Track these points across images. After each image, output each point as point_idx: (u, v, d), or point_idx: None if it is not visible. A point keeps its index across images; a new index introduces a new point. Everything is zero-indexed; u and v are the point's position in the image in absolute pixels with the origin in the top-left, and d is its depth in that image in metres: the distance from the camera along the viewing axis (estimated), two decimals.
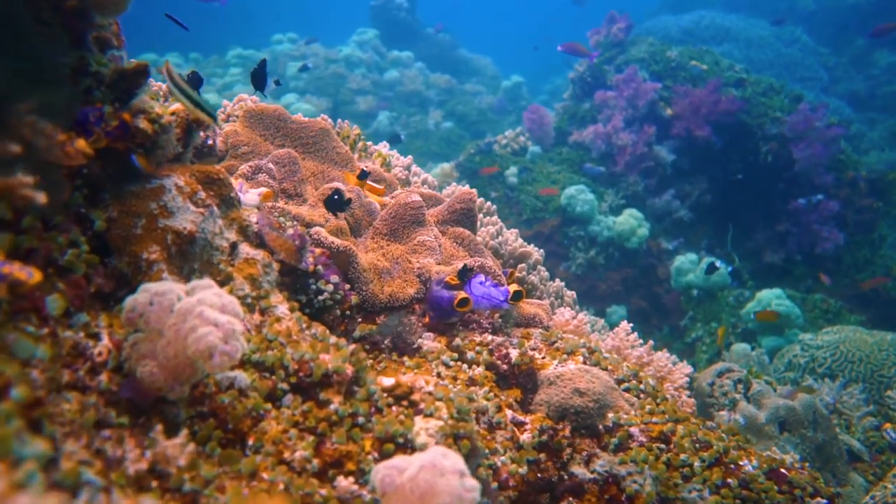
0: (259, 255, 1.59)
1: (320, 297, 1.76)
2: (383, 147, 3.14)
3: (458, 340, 1.97)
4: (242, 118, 2.53)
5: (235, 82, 9.76)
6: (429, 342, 1.93)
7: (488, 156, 6.85)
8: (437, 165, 7.14)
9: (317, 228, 1.95)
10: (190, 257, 1.46)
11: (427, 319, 2.03)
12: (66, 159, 1.18)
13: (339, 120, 2.85)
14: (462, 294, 1.99)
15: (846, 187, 6.93)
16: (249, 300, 1.53)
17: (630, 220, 6.59)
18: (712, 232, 7.06)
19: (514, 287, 2.08)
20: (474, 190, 2.43)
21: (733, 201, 7.10)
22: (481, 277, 2.13)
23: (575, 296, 3.32)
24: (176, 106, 1.57)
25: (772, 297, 5.85)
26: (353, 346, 1.51)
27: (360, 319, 1.92)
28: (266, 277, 1.60)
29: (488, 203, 3.22)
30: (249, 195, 1.77)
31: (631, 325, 2.60)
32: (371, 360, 1.80)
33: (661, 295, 6.64)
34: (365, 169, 2.42)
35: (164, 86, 2.43)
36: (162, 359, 1.17)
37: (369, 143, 3.10)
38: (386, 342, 1.86)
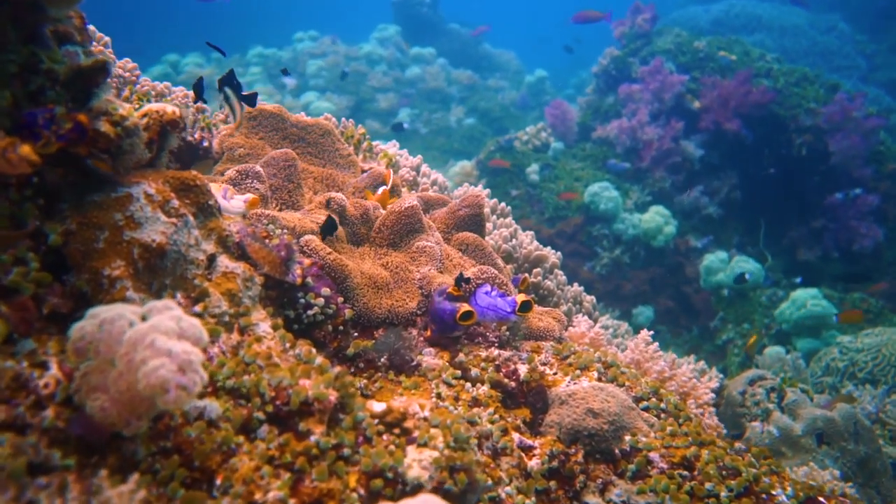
0: (239, 267, 1.47)
1: (309, 312, 1.63)
2: (392, 146, 3.00)
3: (461, 356, 1.82)
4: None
5: (255, 81, 9.72)
6: (429, 359, 1.79)
7: (509, 153, 6.68)
8: (458, 163, 6.99)
9: (308, 237, 1.81)
10: (160, 272, 1.34)
11: (429, 333, 1.89)
12: (7, 167, 1.06)
13: (344, 119, 2.73)
14: (465, 307, 1.85)
15: (886, 180, 6.59)
16: (227, 318, 1.40)
17: (656, 218, 6.36)
18: (743, 229, 6.79)
19: (521, 297, 1.93)
20: (482, 192, 2.28)
21: (765, 197, 6.81)
22: (487, 287, 1.98)
23: (594, 300, 3.14)
24: (149, 106, 1.45)
25: (807, 297, 5.58)
26: (337, 369, 1.37)
27: (356, 334, 1.79)
28: (247, 293, 1.47)
29: (502, 204, 3.06)
30: (234, 202, 1.65)
31: (651, 332, 2.43)
32: (365, 380, 1.67)
33: (689, 295, 6.41)
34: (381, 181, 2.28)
35: (158, 85, 2.33)
36: (114, 392, 1.05)
37: (377, 142, 2.96)
38: (382, 360, 1.73)
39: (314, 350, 1.46)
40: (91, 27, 2.24)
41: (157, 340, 1.03)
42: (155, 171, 1.45)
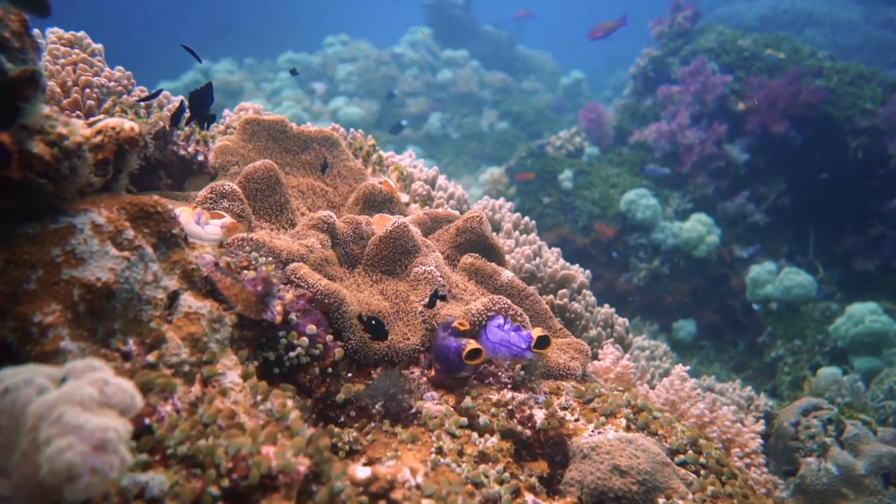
0: (206, 307, 1.27)
1: (292, 354, 1.43)
2: (408, 157, 2.79)
3: (468, 400, 1.60)
4: (238, 130, 2.24)
5: (284, 87, 9.66)
6: (431, 405, 1.57)
7: (541, 158, 6.41)
8: (488, 169, 6.75)
9: (295, 265, 1.62)
10: (107, 316, 1.16)
11: (433, 373, 1.67)
12: None
13: (352, 129, 2.53)
14: (472, 344, 1.62)
15: None
16: (187, 368, 1.21)
17: (698, 227, 6.01)
18: (793, 238, 6.37)
19: (538, 332, 1.70)
20: (481, 212, 2.05)
21: (816, 203, 6.38)
22: (499, 320, 1.75)
23: (627, 323, 2.88)
24: (105, 122, 1.27)
25: (865, 312, 5.16)
26: (310, 432, 1.17)
27: (349, 374, 1.58)
28: (214, 336, 1.27)
29: (525, 219, 2.83)
30: (210, 228, 1.46)
31: (687, 368, 2.15)
32: (356, 433, 1.46)
33: (735, 308, 6.03)
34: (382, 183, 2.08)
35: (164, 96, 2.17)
36: (19, 477, 0.86)
37: (389, 152, 2.76)
38: (377, 406, 1.51)
39: (290, 403, 1.26)
40: (80, 33, 2.10)
41: (66, 415, 0.84)
42: (111, 196, 1.27)
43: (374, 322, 1.53)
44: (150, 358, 1.17)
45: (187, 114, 1.77)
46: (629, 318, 6.01)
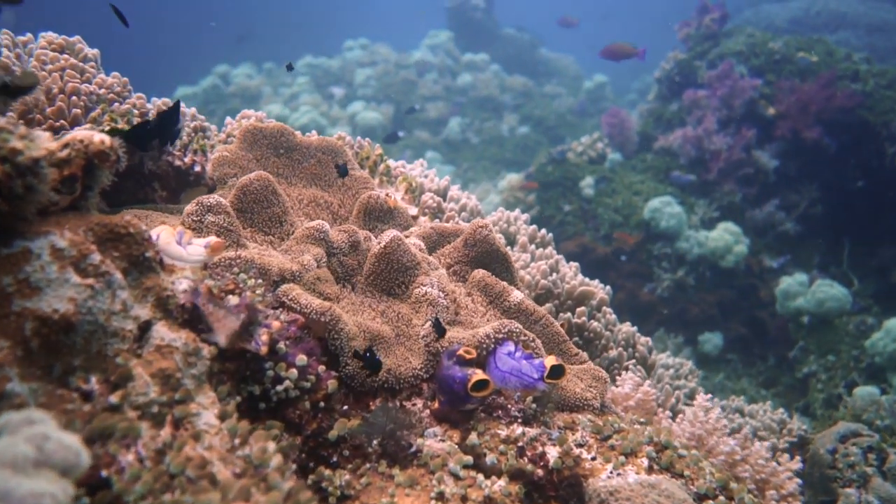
0: (180, 338, 1.15)
1: (279, 388, 1.30)
2: (419, 167, 2.67)
3: (474, 437, 1.46)
4: (238, 140, 2.13)
5: (302, 92, 9.61)
6: (433, 442, 1.43)
7: (561, 165, 6.24)
8: (507, 176, 6.60)
9: (286, 287, 1.49)
10: (65, 351, 1.04)
11: (436, 405, 1.54)
12: None
13: (359, 137, 2.41)
14: (478, 374, 1.48)
15: None
16: (156, 408, 1.09)
17: (725, 236, 5.79)
18: (825, 248, 6.11)
19: (551, 360, 1.55)
20: (486, 222, 1.91)
21: (851, 212, 6.12)
22: (510, 346, 1.61)
23: (650, 343, 2.71)
24: (72, 134, 1.15)
25: None
26: (289, 485, 1.03)
27: (345, 406, 1.45)
28: (189, 371, 1.15)
29: (542, 231, 2.68)
30: (193, 248, 1.34)
31: (708, 397, 1.98)
32: (349, 475, 1.32)
33: (764, 320, 5.79)
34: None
35: (148, 103, 2.06)
36: None
37: (400, 161, 2.64)
38: (374, 444, 1.38)
39: (271, 447, 1.13)
40: (74, 38, 2.00)
41: None
42: (77, 216, 1.16)
43: (367, 354, 1.40)
44: (114, 399, 1.05)
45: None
46: (653, 330, 5.82)
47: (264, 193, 1.80)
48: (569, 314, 2.46)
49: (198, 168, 2.03)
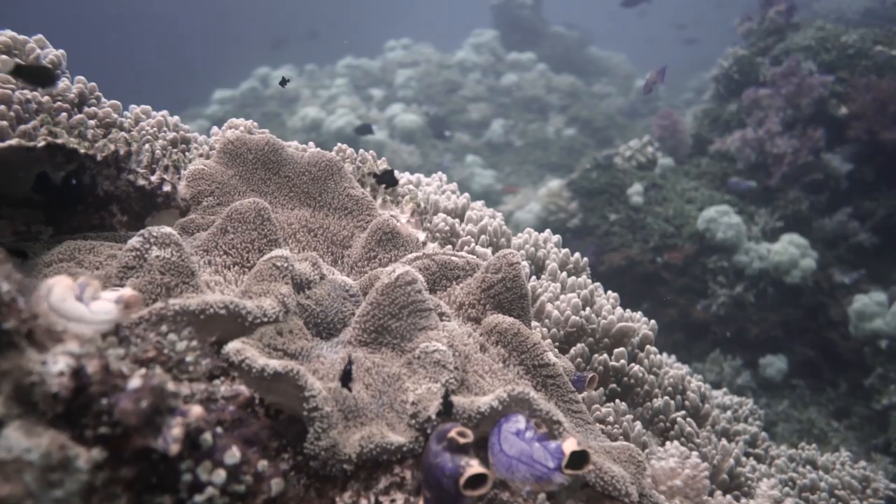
0: (40, 445, 0.85)
1: (199, 498, 0.98)
2: (436, 181, 2.33)
3: None
4: (218, 152, 1.84)
5: (340, 94, 9.39)
6: None
7: (608, 171, 5.80)
8: (548, 182, 6.20)
9: (233, 346, 1.18)
10: None
11: (420, 503, 1.20)
12: None
13: (362, 150, 2.10)
14: (474, 467, 1.13)
15: None
16: None
17: (790, 248, 5.25)
18: None
19: (570, 445, 1.19)
20: (516, 253, 1.55)
21: None
22: (520, 422, 1.25)
23: (705, 389, 2.30)
24: None
25: None
26: None
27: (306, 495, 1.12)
28: (52, 493, 0.84)
29: (576, 256, 2.30)
30: (98, 305, 1.04)
31: (772, 482, 1.57)
32: None
33: (835, 342, 5.23)
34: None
35: (130, 112, 1.79)
36: None
37: (417, 175, 2.31)
38: None
39: None
40: (36, 37, 1.75)
41: None
42: None
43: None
44: None
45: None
46: (707, 352, 5.30)
47: (256, 223, 1.50)
48: (605, 355, 2.08)
49: (167, 188, 1.75)
